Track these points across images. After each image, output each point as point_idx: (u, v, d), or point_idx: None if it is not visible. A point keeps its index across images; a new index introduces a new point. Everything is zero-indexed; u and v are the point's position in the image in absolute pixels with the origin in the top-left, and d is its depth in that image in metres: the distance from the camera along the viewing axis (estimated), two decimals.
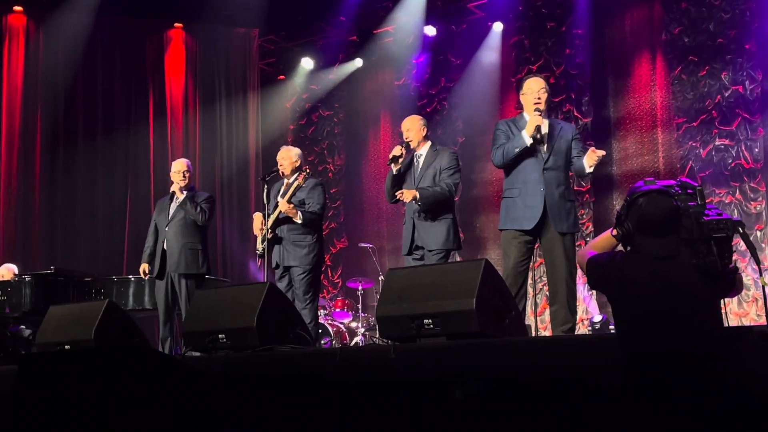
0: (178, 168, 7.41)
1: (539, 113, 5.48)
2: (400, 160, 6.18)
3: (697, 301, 3.05)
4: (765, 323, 3.20)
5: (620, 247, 3.28)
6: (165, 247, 7.24)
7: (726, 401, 2.96)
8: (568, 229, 5.39)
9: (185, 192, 7.29)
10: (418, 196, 5.97)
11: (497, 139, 5.62)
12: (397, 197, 6.15)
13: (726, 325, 3.16)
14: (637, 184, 3.22)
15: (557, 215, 5.39)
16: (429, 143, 6.34)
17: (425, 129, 6.36)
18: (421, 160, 6.26)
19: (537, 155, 5.49)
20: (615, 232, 3.21)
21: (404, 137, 6.31)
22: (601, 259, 3.26)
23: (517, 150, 5.47)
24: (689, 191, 3.10)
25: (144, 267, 7.48)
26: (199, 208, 7.20)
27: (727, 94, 9.88)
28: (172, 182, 7.38)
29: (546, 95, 5.58)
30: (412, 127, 6.31)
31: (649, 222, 3.10)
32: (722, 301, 3.12)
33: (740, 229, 3.02)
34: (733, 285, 3.10)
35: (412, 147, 6.29)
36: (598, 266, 3.27)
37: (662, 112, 10.38)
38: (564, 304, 5.28)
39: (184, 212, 7.21)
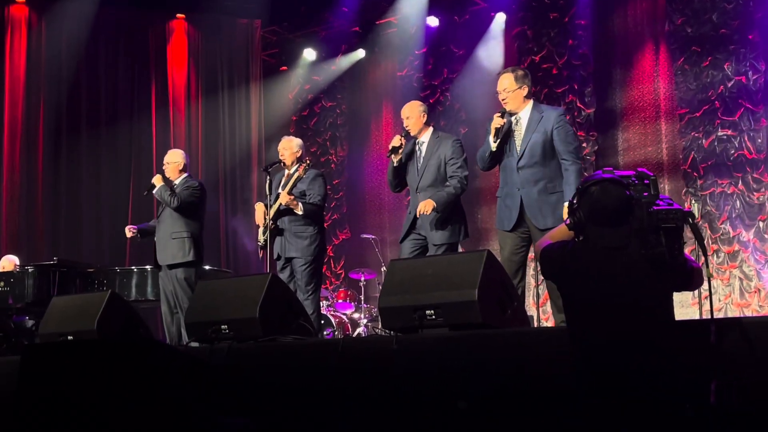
0: (167, 159, 7.51)
1: (500, 114, 5.44)
2: (400, 150, 6.10)
3: (646, 292, 3.02)
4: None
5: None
6: (156, 238, 7.32)
7: (674, 392, 2.95)
8: (553, 223, 5.15)
9: (169, 180, 7.35)
10: (436, 206, 5.81)
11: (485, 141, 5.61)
12: (400, 189, 6.16)
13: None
14: (595, 172, 3.20)
15: (537, 212, 5.31)
16: (431, 129, 6.22)
17: (425, 115, 6.22)
18: (424, 147, 6.14)
19: (512, 154, 5.46)
20: (568, 221, 3.19)
21: (404, 125, 6.19)
22: (553, 248, 3.24)
23: (486, 154, 5.52)
24: (645, 181, 3.07)
25: (134, 229, 7.57)
26: (169, 193, 7.19)
27: (730, 85, 9.86)
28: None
29: (511, 93, 5.45)
30: (412, 113, 6.17)
31: (601, 211, 3.07)
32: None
33: (690, 219, 2.99)
34: (689, 278, 3.07)
35: (412, 135, 6.16)
36: (549, 254, 3.25)
37: (665, 103, 10.36)
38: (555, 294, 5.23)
39: None
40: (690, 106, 10.13)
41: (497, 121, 5.44)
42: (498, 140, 5.46)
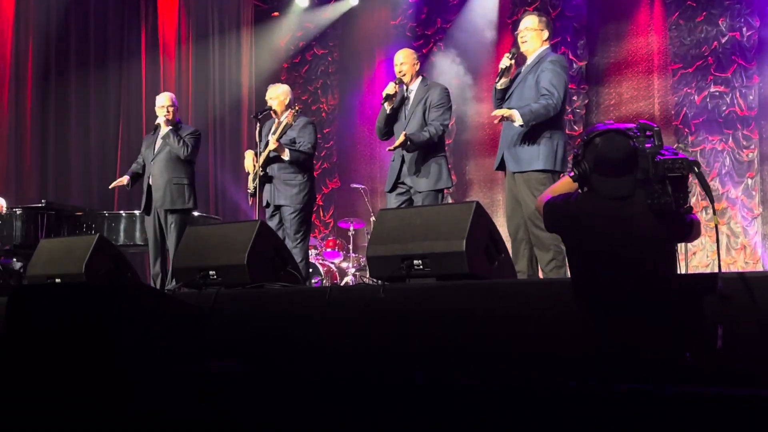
0: (162, 102, 7.33)
1: (510, 55, 5.44)
2: (394, 98, 6.12)
3: (651, 242, 3.05)
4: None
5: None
6: (150, 182, 7.23)
7: (673, 346, 2.99)
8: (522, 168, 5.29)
9: (170, 126, 7.24)
10: (410, 141, 5.83)
11: None
12: (388, 137, 6.16)
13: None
14: (596, 125, 3.20)
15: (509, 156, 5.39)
16: (420, 78, 6.24)
17: (418, 63, 6.27)
18: (412, 95, 6.15)
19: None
20: (573, 173, 3.20)
21: (397, 71, 6.18)
22: (557, 200, 3.26)
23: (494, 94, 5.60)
24: (648, 133, 3.08)
25: (123, 179, 7.52)
26: (181, 142, 7.14)
27: (723, 41, 9.81)
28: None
29: (532, 32, 5.45)
30: (406, 60, 6.19)
31: (606, 161, 3.09)
32: (692, 247, 3.14)
33: (696, 168, 3.00)
34: (690, 229, 3.10)
35: (405, 81, 6.17)
36: (553, 208, 3.27)
37: (658, 58, 10.32)
38: (534, 244, 5.26)
39: (169, 147, 7.18)
40: (683, 62, 10.09)
41: (505, 62, 5.42)
42: (500, 80, 5.46)
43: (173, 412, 3.08)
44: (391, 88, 6.09)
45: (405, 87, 6.21)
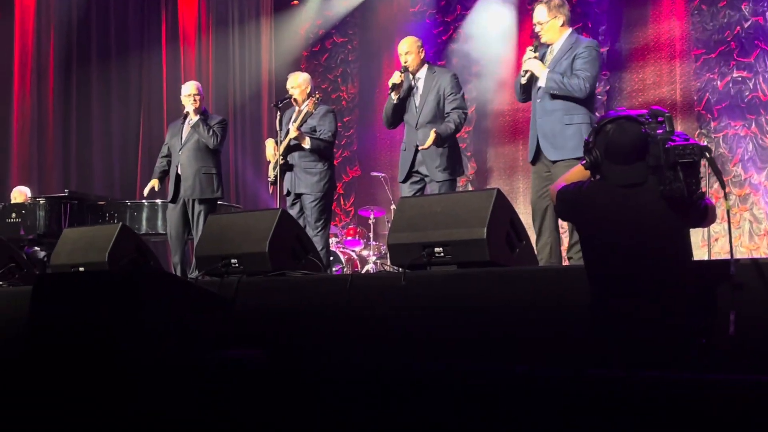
0: (189, 91, 7.30)
1: (533, 48, 5.31)
2: (401, 87, 6.06)
3: (664, 229, 3.04)
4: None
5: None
6: (179, 171, 7.20)
7: (687, 333, 2.98)
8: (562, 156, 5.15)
9: (198, 115, 7.25)
10: (438, 140, 5.76)
11: None
12: (395, 126, 6.14)
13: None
14: (608, 112, 3.19)
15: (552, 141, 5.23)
16: (426, 65, 6.18)
17: (423, 51, 6.20)
18: (420, 84, 6.09)
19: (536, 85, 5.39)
20: (584, 161, 3.19)
21: (402, 60, 6.12)
22: (569, 188, 3.25)
23: (518, 88, 5.46)
24: (659, 119, 3.07)
25: (154, 183, 7.48)
26: (211, 131, 7.14)
27: (746, 25, 9.70)
28: (184, 106, 7.34)
29: (546, 24, 5.30)
30: (411, 49, 6.13)
31: (617, 148, 3.08)
32: (713, 233, 3.12)
33: (707, 154, 2.98)
34: (704, 214, 3.08)
35: (410, 70, 6.11)
36: (566, 195, 3.27)
37: (681, 43, 10.22)
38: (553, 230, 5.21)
39: (197, 136, 7.17)
40: (706, 47, 9.99)
41: (529, 54, 5.31)
42: (525, 75, 5.33)
43: (185, 405, 3.10)
44: (396, 78, 6.03)
45: (411, 75, 6.15)
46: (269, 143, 6.76)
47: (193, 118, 7.21)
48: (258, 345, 4.35)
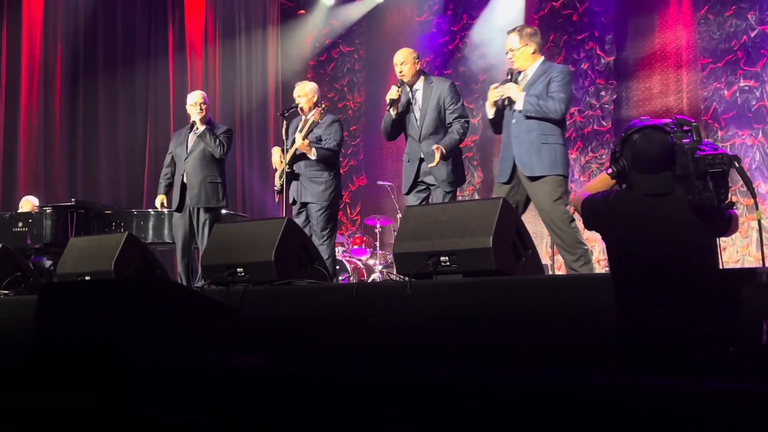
0: (194, 100, 7.31)
1: (509, 76, 5.46)
2: (398, 101, 6.04)
3: (691, 238, 3.04)
4: None
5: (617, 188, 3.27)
6: (185, 180, 7.20)
7: (715, 341, 2.97)
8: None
9: (205, 124, 7.26)
10: (444, 154, 5.79)
11: None
12: (395, 138, 6.15)
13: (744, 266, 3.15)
14: (632, 121, 3.19)
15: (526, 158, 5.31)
16: (423, 77, 6.15)
17: (419, 62, 6.17)
18: (419, 96, 6.07)
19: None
20: (611, 170, 3.19)
21: (397, 71, 6.09)
22: (596, 198, 3.25)
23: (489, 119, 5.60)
24: (685, 128, 3.07)
25: (162, 198, 7.49)
26: (217, 141, 7.14)
27: (753, 35, 9.70)
28: (190, 116, 7.34)
29: (517, 51, 5.43)
30: (406, 59, 6.09)
31: (645, 158, 3.08)
32: (722, 242, 3.11)
33: (736, 163, 2.98)
34: (729, 223, 3.08)
35: (406, 81, 6.08)
36: (592, 205, 3.26)
37: (687, 52, 10.22)
38: (558, 245, 5.26)
39: (203, 144, 7.18)
40: (713, 56, 9.99)
41: (494, 93, 5.43)
42: (492, 106, 5.47)
43: (189, 412, 3.09)
44: (394, 93, 6.02)
45: (408, 88, 6.13)
46: (275, 151, 6.77)
47: (200, 127, 7.22)
48: (264, 354, 4.34)
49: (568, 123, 10.87)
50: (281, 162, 6.66)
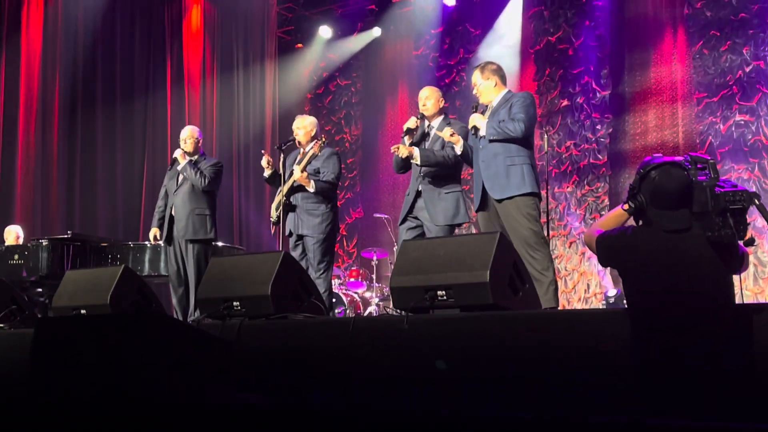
0: (182, 135, 7.49)
1: (475, 107, 5.66)
2: (415, 132, 6.14)
3: (709, 275, 3.04)
4: None
5: (630, 222, 3.27)
6: (173, 213, 7.29)
7: (734, 377, 2.95)
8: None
9: (188, 157, 7.32)
10: (415, 154, 5.95)
11: None
12: (404, 171, 6.19)
13: (741, 301, 3.15)
14: (647, 158, 3.21)
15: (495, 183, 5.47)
16: (442, 116, 6.26)
17: (442, 101, 6.30)
18: (433, 132, 6.15)
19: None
20: (627, 206, 3.21)
21: (420, 107, 6.20)
22: (612, 234, 3.25)
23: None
24: (699, 165, 3.09)
25: (155, 232, 7.52)
26: (198, 173, 7.21)
27: (748, 70, 9.78)
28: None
29: (480, 86, 5.68)
30: (431, 96, 6.21)
31: (663, 194, 3.09)
32: (739, 278, 3.11)
33: (756, 200, 3.00)
34: (742, 260, 3.09)
35: (427, 117, 6.21)
36: (609, 241, 3.26)
37: (683, 87, 10.29)
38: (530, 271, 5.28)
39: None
40: (708, 91, 10.06)
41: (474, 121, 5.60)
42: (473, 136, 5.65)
43: None
44: (412, 123, 6.13)
45: (427, 123, 6.23)
46: (264, 157, 6.81)
47: (181, 161, 7.28)
48: (260, 388, 4.31)
49: (564, 156, 10.98)
50: (268, 165, 6.73)
